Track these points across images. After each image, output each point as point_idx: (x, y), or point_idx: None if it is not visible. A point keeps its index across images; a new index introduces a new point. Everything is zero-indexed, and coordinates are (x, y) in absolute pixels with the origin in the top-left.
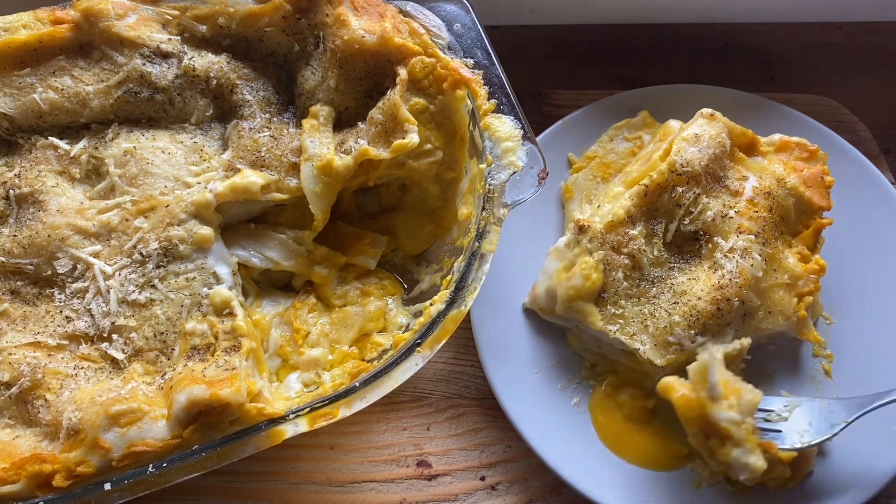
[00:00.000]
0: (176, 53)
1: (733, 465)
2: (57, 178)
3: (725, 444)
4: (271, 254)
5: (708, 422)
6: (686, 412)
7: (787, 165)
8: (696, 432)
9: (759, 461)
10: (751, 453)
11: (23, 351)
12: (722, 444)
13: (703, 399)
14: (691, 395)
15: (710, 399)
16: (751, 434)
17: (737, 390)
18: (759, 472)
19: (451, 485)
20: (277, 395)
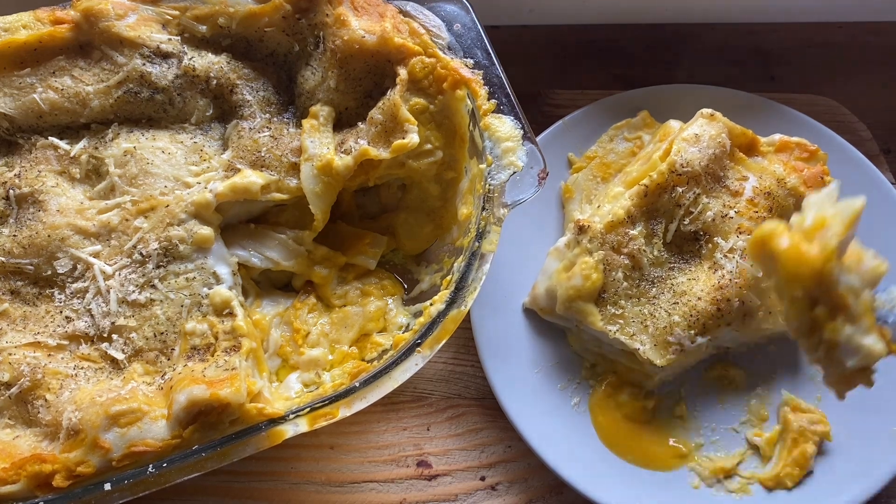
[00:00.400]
0: (176, 53)
1: (843, 345)
2: (57, 178)
3: (836, 318)
4: (271, 254)
5: (823, 284)
6: (796, 267)
7: (787, 165)
8: (800, 296)
9: (878, 344)
10: (867, 332)
11: (23, 351)
12: (831, 317)
13: (822, 254)
14: (806, 245)
15: (840, 265)
16: (869, 310)
17: (858, 254)
18: (876, 357)
19: (451, 485)
20: (277, 395)
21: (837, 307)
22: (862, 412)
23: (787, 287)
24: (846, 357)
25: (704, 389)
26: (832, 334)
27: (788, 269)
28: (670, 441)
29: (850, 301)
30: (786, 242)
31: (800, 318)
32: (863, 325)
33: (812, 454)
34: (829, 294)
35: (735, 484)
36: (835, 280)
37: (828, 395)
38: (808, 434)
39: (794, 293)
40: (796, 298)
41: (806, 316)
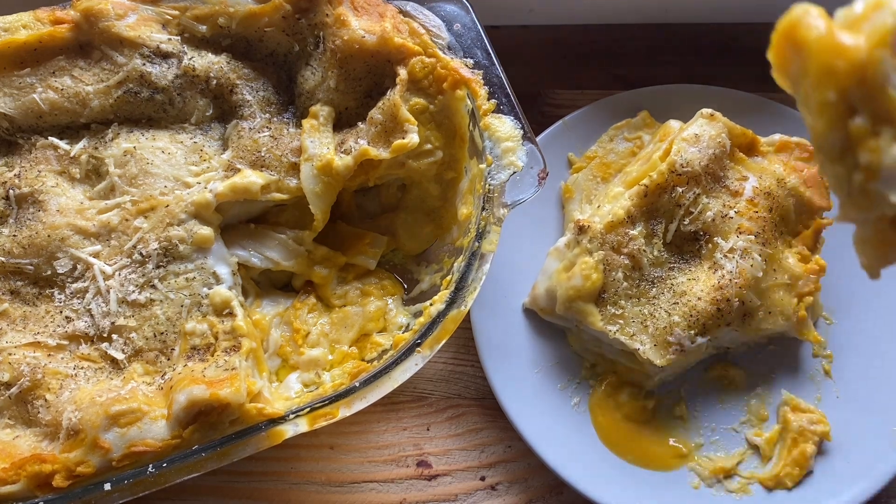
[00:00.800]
0: (176, 53)
1: (886, 169)
2: (57, 178)
3: (881, 133)
4: (271, 254)
5: (866, 84)
6: (830, 58)
7: (787, 165)
8: (833, 101)
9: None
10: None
11: (23, 351)
12: (874, 130)
13: (869, 40)
14: (848, 33)
15: (887, 43)
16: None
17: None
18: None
19: (451, 485)
20: (277, 395)
21: (884, 118)
22: (862, 412)
23: (816, 89)
24: (890, 189)
25: (704, 389)
26: (873, 155)
27: (821, 62)
28: (670, 441)
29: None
30: (821, 27)
31: (830, 131)
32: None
33: (812, 454)
34: (875, 99)
35: (735, 484)
36: (883, 78)
37: (828, 395)
38: (808, 434)
39: (826, 96)
40: (827, 104)
41: (839, 129)
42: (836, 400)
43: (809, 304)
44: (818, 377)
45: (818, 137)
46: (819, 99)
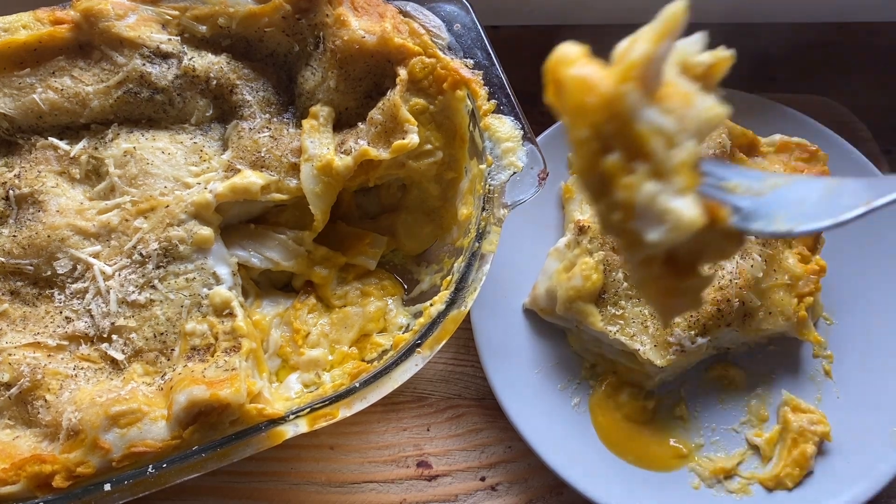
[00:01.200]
0: (176, 54)
1: (640, 207)
2: (57, 179)
3: (635, 170)
4: (271, 254)
5: (617, 119)
6: (581, 95)
7: (788, 166)
8: (586, 137)
9: (691, 210)
10: (679, 194)
11: (23, 351)
12: (628, 167)
13: (615, 74)
14: (599, 75)
15: (639, 90)
16: (689, 168)
17: (686, 96)
18: (687, 227)
19: (451, 485)
20: (277, 395)
21: (637, 154)
22: (862, 412)
23: (572, 126)
24: (646, 226)
25: (704, 390)
26: (627, 192)
27: (573, 99)
28: (670, 441)
29: (655, 146)
30: (574, 65)
31: (588, 169)
32: (675, 184)
33: (812, 454)
34: (625, 135)
35: (735, 484)
36: (631, 112)
37: (828, 396)
38: (808, 434)
39: (580, 133)
40: (582, 141)
41: (596, 166)
42: (837, 400)
43: (810, 305)
44: (818, 377)
45: (579, 175)
46: (575, 136)
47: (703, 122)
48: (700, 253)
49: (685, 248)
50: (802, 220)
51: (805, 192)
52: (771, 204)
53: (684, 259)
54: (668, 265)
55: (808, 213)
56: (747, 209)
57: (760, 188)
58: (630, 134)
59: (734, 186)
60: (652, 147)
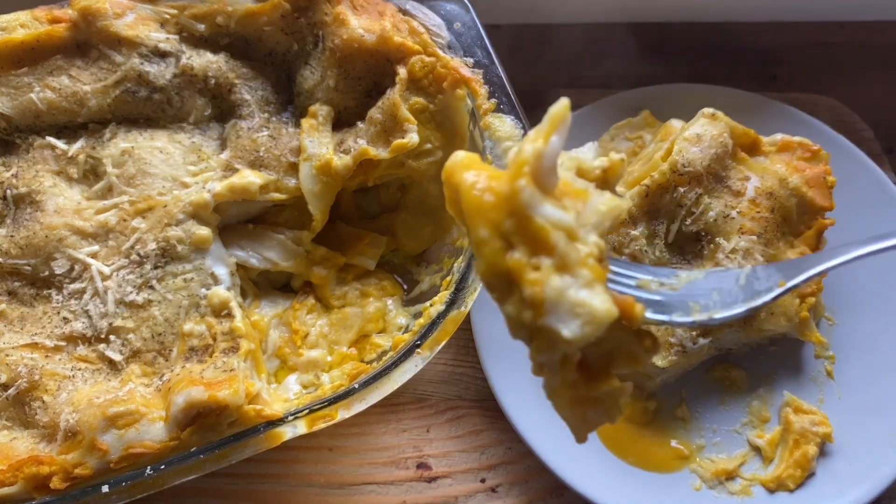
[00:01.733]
0: (174, 52)
1: (549, 302)
2: (54, 179)
3: (540, 264)
4: (270, 254)
5: (514, 215)
6: (478, 195)
7: (790, 165)
8: (486, 237)
9: (604, 302)
10: (588, 286)
11: (20, 352)
12: (533, 263)
13: (517, 182)
14: (493, 175)
15: (533, 185)
16: (593, 261)
17: (582, 193)
18: (602, 319)
19: (451, 487)
20: (276, 396)
21: (539, 249)
22: (864, 413)
23: (472, 228)
24: (559, 320)
25: (706, 391)
26: (535, 288)
27: (470, 200)
28: (671, 443)
29: (556, 240)
30: (469, 168)
31: (491, 270)
32: (583, 277)
33: (814, 456)
34: (526, 229)
35: (737, 486)
36: (527, 206)
37: (830, 396)
38: (810, 435)
39: (479, 234)
40: (483, 241)
41: (500, 266)
42: (839, 401)
43: (812, 305)
44: (820, 378)
45: (484, 278)
46: (475, 237)
47: (601, 214)
48: (613, 356)
49: (598, 350)
50: (719, 308)
51: (719, 281)
52: (686, 295)
53: (597, 363)
54: (582, 371)
55: (725, 300)
56: (663, 302)
57: (674, 283)
58: (530, 229)
59: (646, 283)
60: (553, 241)
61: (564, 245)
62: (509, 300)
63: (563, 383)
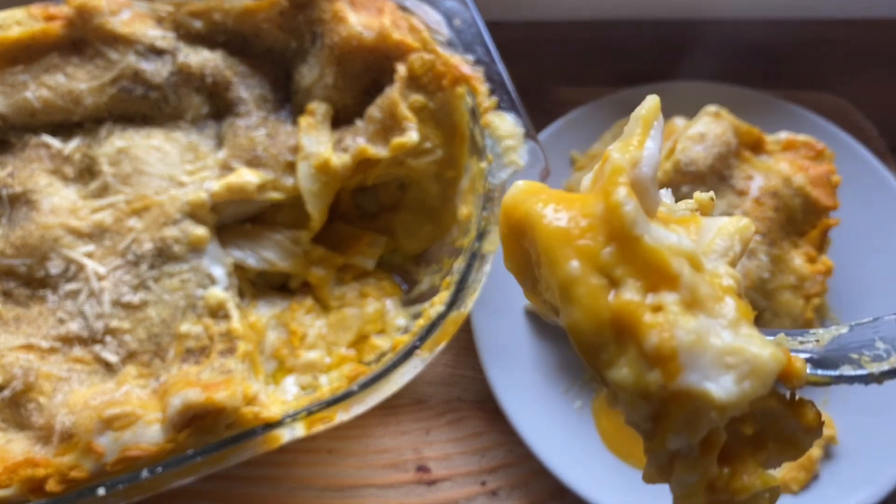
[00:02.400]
0: (171, 50)
1: (685, 351)
2: (50, 178)
3: (663, 303)
4: (267, 254)
5: (617, 238)
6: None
7: (794, 164)
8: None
9: (764, 345)
10: (739, 329)
11: (15, 353)
12: (652, 303)
13: (615, 194)
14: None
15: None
16: (734, 292)
17: (690, 219)
18: (767, 368)
19: (451, 490)
20: (274, 398)
21: (657, 281)
22: (869, 415)
23: (552, 267)
24: (704, 381)
25: None
26: (660, 336)
27: (549, 234)
28: None
29: (677, 267)
30: (547, 198)
31: (590, 318)
32: (725, 314)
33: (818, 458)
34: (634, 255)
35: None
36: (632, 224)
37: (835, 398)
38: None
39: (567, 271)
40: (573, 281)
41: (601, 314)
42: (844, 403)
43: (817, 306)
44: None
45: (580, 336)
46: (561, 279)
47: (729, 236)
48: (763, 440)
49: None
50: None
51: (873, 332)
52: (842, 349)
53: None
54: (725, 463)
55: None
56: (815, 359)
57: (813, 340)
58: (640, 255)
59: (781, 339)
60: (675, 269)
61: (690, 274)
62: (621, 361)
63: (701, 482)
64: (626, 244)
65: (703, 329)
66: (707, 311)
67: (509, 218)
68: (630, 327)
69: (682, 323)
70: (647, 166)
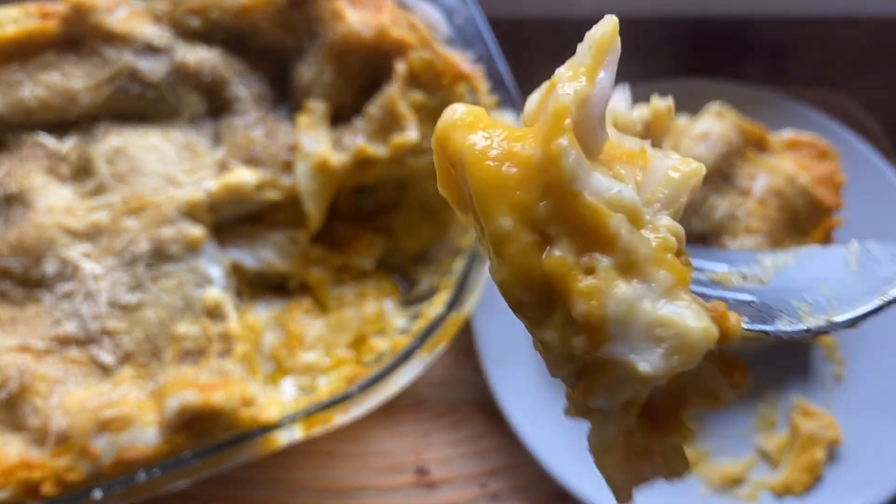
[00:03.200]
0: (168, 48)
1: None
2: (46, 177)
3: (595, 265)
4: (265, 254)
5: (555, 194)
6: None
7: (798, 163)
8: (513, 226)
9: (698, 318)
10: (668, 295)
11: (11, 354)
12: (584, 264)
13: (555, 143)
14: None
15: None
16: (671, 255)
17: (637, 156)
18: (698, 344)
19: (450, 493)
20: (272, 400)
21: (591, 244)
22: (873, 417)
23: (485, 218)
24: (630, 353)
25: None
26: (589, 301)
27: (481, 177)
28: None
29: (616, 226)
30: (482, 132)
31: (517, 278)
32: (660, 281)
33: (822, 460)
34: (571, 214)
35: (743, 491)
36: (572, 178)
37: (839, 400)
38: (818, 439)
39: (498, 225)
40: (504, 235)
41: (532, 272)
42: (848, 405)
43: None
44: (829, 381)
45: (507, 291)
46: (492, 231)
47: (675, 184)
48: (687, 394)
49: (669, 387)
50: (837, 305)
51: (822, 268)
52: (783, 290)
53: (665, 404)
54: (645, 416)
55: (840, 294)
56: (756, 304)
57: (759, 274)
58: (577, 213)
59: (725, 278)
60: (613, 229)
61: (628, 235)
62: (548, 322)
63: (620, 433)
64: (562, 200)
65: (635, 297)
66: (642, 275)
67: (443, 147)
68: (560, 290)
69: (615, 290)
70: (597, 105)
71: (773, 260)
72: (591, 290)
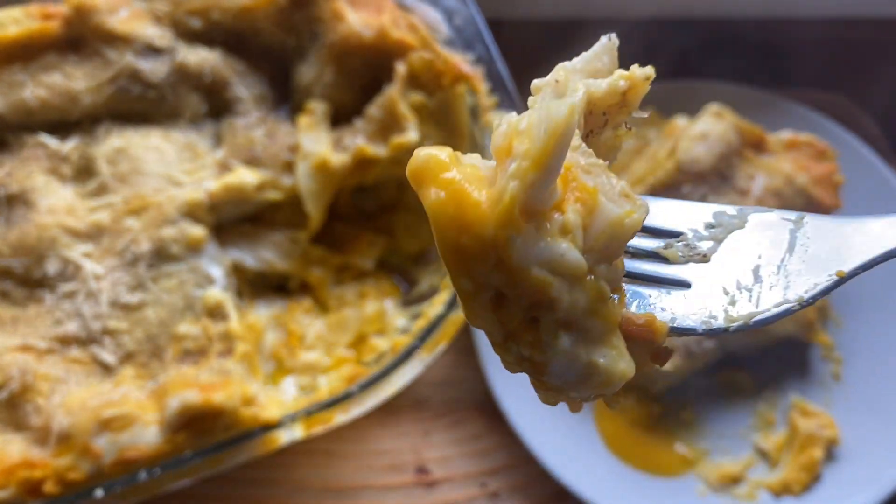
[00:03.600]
0: (168, 49)
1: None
2: (47, 177)
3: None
4: (266, 254)
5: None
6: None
7: (797, 164)
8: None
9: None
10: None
11: (12, 354)
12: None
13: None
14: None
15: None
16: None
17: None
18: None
19: (450, 492)
20: (272, 399)
21: (539, 304)
22: (871, 416)
23: (447, 269)
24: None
25: (711, 394)
26: (532, 350)
27: (441, 238)
28: (676, 447)
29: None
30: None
31: (478, 322)
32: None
33: (820, 459)
34: (520, 284)
35: (742, 490)
36: (523, 260)
37: (837, 399)
38: (817, 438)
39: (459, 284)
40: (464, 293)
41: (488, 320)
42: (846, 404)
43: (820, 307)
44: (827, 381)
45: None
46: (456, 287)
47: (619, 233)
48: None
49: None
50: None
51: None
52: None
53: None
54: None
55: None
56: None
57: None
58: (524, 283)
59: (672, 255)
60: (554, 294)
61: (568, 297)
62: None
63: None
64: (511, 273)
65: (571, 350)
66: (579, 328)
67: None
68: (512, 335)
69: (555, 343)
70: (545, 187)
71: (727, 222)
72: (536, 341)
